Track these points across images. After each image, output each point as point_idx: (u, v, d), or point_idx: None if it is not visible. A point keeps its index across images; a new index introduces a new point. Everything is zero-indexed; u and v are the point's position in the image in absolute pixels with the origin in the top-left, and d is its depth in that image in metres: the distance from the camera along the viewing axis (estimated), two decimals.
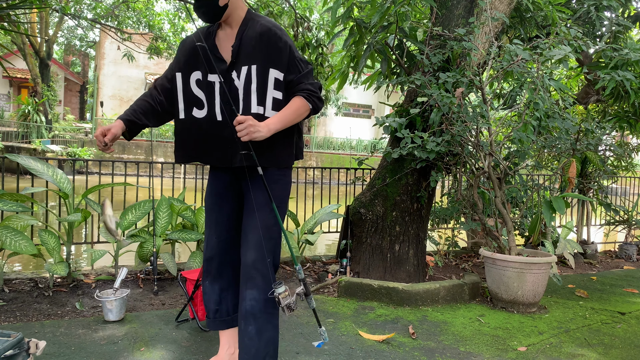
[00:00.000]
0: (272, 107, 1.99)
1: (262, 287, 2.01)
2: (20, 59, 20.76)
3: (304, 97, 1.99)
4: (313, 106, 2.02)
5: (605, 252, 6.20)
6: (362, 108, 27.98)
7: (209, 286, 2.24)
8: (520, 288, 3.55)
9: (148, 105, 2.13)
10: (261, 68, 1.97)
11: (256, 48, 1.98)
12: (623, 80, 4.21)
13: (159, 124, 2.21)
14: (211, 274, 2.23)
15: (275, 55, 1.97)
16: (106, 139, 2.00)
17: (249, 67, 1.98)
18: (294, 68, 2.00)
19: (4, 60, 4.96)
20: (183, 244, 4.66)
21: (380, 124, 3.90)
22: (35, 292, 3.45)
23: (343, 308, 3.45)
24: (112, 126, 2.02)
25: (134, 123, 2.08)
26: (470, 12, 4.10)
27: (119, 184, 3.87)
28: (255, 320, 2.00)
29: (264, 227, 2.03)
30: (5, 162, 3.84)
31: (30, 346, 1.89)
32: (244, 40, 2.01)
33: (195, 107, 2.09)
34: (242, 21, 2.05)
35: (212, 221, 2.21)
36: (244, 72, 1.99)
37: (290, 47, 2.00)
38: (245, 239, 2.06)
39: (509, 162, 3.92)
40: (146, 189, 4.07)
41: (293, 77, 2.00)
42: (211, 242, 2.21)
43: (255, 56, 1.98)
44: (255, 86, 1.98)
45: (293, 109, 1.98)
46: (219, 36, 2.08)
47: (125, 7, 16.12)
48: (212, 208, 2.22)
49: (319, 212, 4.52)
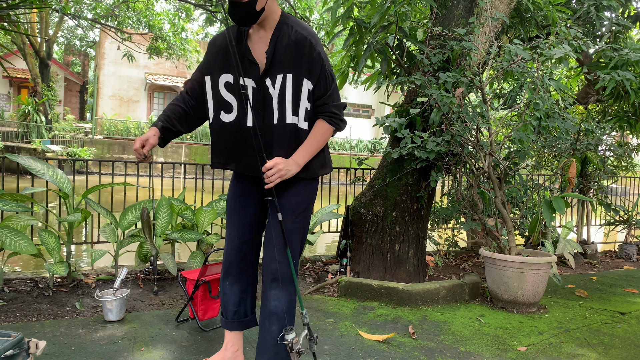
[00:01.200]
0: (304, 117, 1.98)
1: (286, 288, 2.02)
2: (20, 59, 20.77)
3: (328, 122, 1.99)
4: (336, 128, 2.03)
5: (605, 252, 6.20)
6: (362, 108, 27.98)
7: (229, 287, 2.23)
8: (520, 288, 3.55)
9: (181, 111, 2.09)
10: (296, 78, 1.95)
11: (291, 56, 1.95)
12: (623, 80, 4.21)
13: (191, 129, 2.17)
14: (232, 275, 2.21)
15: (309, 65, 1.95)
16: (145, 151, 1.97)
17: (284, 76, 1.95)
18: (323, 82, 1.98)
19: (4, 60, 4.96)
20: (183, 244, 4.66)
21: (380, 124, 3.90)
22: (35, 292, 3.45)
23: (343, 308, 3.45)
24: (149, 136, 1.99)
25: (169, 130, 2.06)
26: (470, 12, 4.10)
27: (119, 184, 3.87)
28: (278, 320, 2.01)
29: (289, 230, 2.03)
30: (5, 162, 3.84)
31: (30, 346, 1.89)
32: (278, 47, 1.96)
33: (223, 110, 2.04)
34: (276, 25, 1.99)
35: (235, 222, 2.18)
36: (279, 81, 1.95)
37: (323, 60, 1.97)
38: (270, 240, 2.05)
39: (509, 162, 3.92)
40: (146, 189, 4.07)
41: (320, 93, 1.98)
42: (234, 243, 2.18)
43: (291, 65, 1.95)
44: (291, 96, 1.95)
45: (318, 137, 1.98)
46: (252, 38, 2.01)
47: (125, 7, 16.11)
48: (235, 209, 2.18)
49: (319, 212, 4.52)
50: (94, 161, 8.02)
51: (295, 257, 2.07)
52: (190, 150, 20.72)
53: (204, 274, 2.84)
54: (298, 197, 2.07)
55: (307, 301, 3.56)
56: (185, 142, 21.12)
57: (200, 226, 3.99)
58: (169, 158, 19.98)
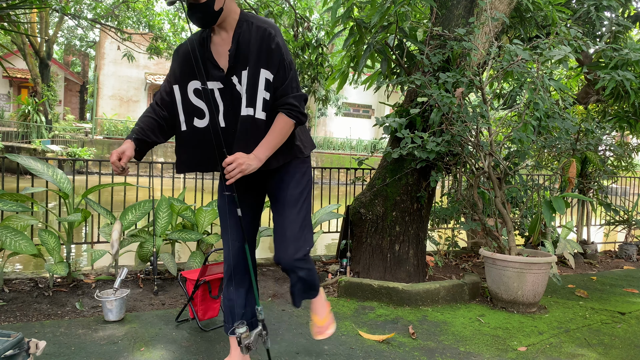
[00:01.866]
0: (262, 107, 1.97)
1: (306, 275, 2.14)
2: (20, 59, 20.75)
3: (286, 114, 1.98)
4: (296, 121, 2.01)
5: (605, 252, 6.20)
6: (362, 108, 27.97)
7: (234, 292, 2.21)
8: (520, 288, 3.55)
9: (154, 122, 2.10)
10: (253, 69, 1.95)
11: (254, 50, 1.96)
12: (623, 80, 4.21)
13: (166, 139, 2.17)
14: (236, 279, 2.20)
15: (267, 55, 1.95)
16: (122, 163, 1.97)
17: (248, 71, 1.97)
18: (282, 72, 1.97)
19: (4, 60, 4.96)
20: (183, 244, 4.66)
21: (380, 124, 3.90)
22: (35, 292, 3.45)
23: (343, 308, 3.45)
24: (125, 149, 1.99)
25: (144, 142, 2.06)
26: (470, 12, 4.10)
27: (119, 184, 3.87)
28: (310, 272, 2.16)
29: (297, 220, 2.07)
30: (5, 162, 3.84)
31: (30, 346, 1.89)
32: (240, 44, 1.98)
33: (195, 117, 2.06)
34: (236, 24, 2.01)
35: (229, 227, 2.18)
36: (244, 76, 1.97)
37: (281, 49, 1.96)
38: (283, 235, 2.07)
39: (509, 162, 3.92)
40: (146, 189, 4.07)
41: (278, 83, 1.97)
42: (234, 248, 2.18)
43: (253, 59, 1.96)
44: (246, 88, 1.96)
45: (277, 131, 1.97)
46: (215, 41, 2.03)
47: (125, 7, 16.11)
48: (230, 213, 2.17)
49: (319, 212, 4.52)
50: (94, 161, 8.00)
51: (309, 244, 2.12)
52: None
53: (204, 274, 2.84)
54: (299, 187, 2.11)
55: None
56: None
57: (200, 226, 3.99)
58: (169, 158, 19.98)
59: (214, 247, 4.03)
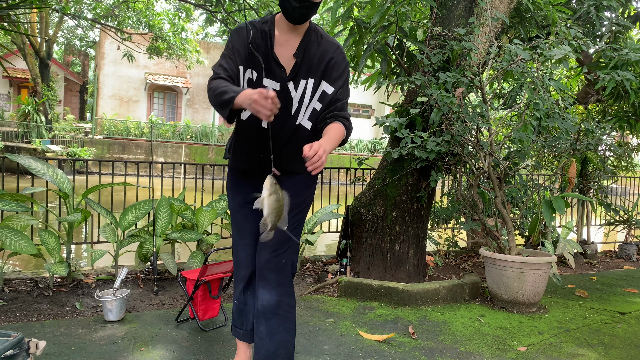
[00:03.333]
0: (308, 117, 2.00)
1: (275, 288, 1.98)
2: (20, 59, 20.74)
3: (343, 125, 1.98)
4: (347, 133, 2.02)
5: (605, 252, 6.20)
6: (362, 108, 27.99)
7: (250, 297, 2.17)
8: (520, 288, 3.55)
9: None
10: (317, 82, 1.98)
11: (320, 63, 1.97)
12: (623, 80, 4.21)
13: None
14: (252, 284, 2.15)
15: (334, 71, 1.98)
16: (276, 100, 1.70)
17: (307, 81, 1.97)
18: (344, 93, 2.02)
19: (4, 60, 4.96)
20: (183, 244, 4.66)
21: (380, 124, 3.90)
22: (35, 292, 3.45)
23: (343, 308, 3.45)
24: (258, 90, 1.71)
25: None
26: (470, 12, 4.10)
27: (119, 184, 3.86)
28: (266, 320, 1.98)
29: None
30: (5, 162, 3.84)
31: (30, 346, 1.89)
32: (307, 53, 1.96)
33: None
34: (305, 31, 1.98)
35: (247, 231, 2.12)
36: (301, 86, 1.97)
37: (348, 72, 2.03)
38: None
39: (509, 162, 3.92)
40: (146, 189, 4.07)
41: (340, 97, 2.01)
42: (251, 253, 2.12)
43: (316, 71, 1.97)
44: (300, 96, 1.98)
45: (335, 135, 1.94)
46: (278, 40, 1.97)
47: (125, 7, 16.10)
48: (247, 217, 2.11)
49: (319, 212, 4.51)
50: (94, 161, 8.02)
51: (288, 256, 2.05)
52: (190, 150, 20.72)
53: (204, 274, 2.84)
54: (302, 197, 2.09)
55: (307, 301, 3.56)
56: (185, 142, 21.12)
57: (200, 226, 3.99)
58: (169, 158, 19.98)
59: (214, 247, 4.03)
